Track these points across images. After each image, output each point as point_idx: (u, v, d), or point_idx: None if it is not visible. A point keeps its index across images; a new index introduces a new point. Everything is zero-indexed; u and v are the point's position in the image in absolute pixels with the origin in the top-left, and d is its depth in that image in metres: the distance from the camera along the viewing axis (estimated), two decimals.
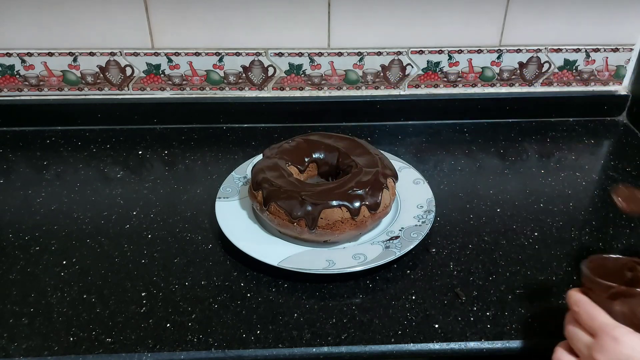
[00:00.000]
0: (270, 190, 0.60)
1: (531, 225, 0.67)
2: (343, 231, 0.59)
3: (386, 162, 0.66)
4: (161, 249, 0.63)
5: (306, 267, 0.57)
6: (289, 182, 0.62)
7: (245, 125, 0.89)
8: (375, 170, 0.63)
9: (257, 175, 0.63)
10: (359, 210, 0.59)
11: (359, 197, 0.59)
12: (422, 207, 0.66)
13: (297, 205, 0.58)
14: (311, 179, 0.69)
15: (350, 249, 0.60)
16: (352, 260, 0.58)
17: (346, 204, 0.59)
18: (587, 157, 0.83)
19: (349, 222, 0.59)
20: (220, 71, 0.87)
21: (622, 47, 0.88)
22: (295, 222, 0.59)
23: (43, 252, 0.62)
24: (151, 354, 0.51)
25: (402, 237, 0.61)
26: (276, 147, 0.69)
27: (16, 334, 0.52)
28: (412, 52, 0.86)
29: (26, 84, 0.87)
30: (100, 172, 0.77)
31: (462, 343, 0.52)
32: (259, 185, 0.62)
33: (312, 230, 0.58)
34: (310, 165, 0.69)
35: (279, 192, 0.60)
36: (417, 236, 0.61)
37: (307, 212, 0.58)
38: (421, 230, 0.62)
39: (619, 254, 0.49)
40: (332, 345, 0.52)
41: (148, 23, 0.82)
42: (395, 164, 0.72)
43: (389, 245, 0.60)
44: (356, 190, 0.60)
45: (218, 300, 0.56)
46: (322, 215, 0.58)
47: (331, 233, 0.59)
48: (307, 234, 0.59)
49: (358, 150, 0.67)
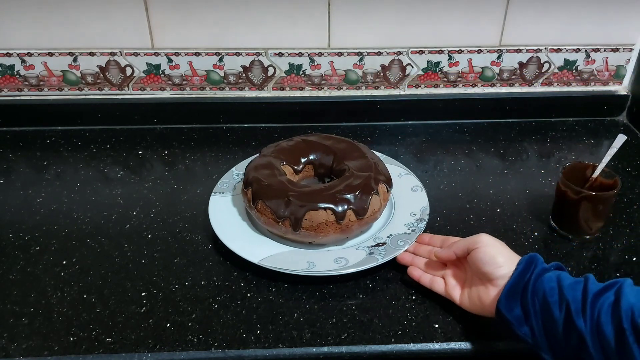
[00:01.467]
0: (258, 189, 0.61)
1: (531, 225, 0.67)
2: (327, 234, 0.59)
3: (381, 167, 0.65)
4: (161, 249, 0.63)
5: (286, 267, 0.57)
6: (279, 181, 0.62)
7: (245, 125, 0.89)
8: (368, 174, 0.62)
9: (249, 173, 0.64)
10: (344, 214, 0.59)
11: (345, 201, 0.59)
12: (415, 215, 0.65)
13: (283, 205, 0.59)
14: (307, 179, 0.70)
15: (333, 252, 0.60)
16: (333, 264, 0.58)
17: (332, 207, 0.58)
18: (587, 157, 0.83)
19: (333, 225, 0.59)
20: (220, 71, 0.87)
21: (622, 47, 0.88)
22: (280, 221, 0.59)
23: (43, 252, 0.62)
24: (151, 354, 0.51)
25: (389, 244, 0.61)
26: (273, 146, 0.69)
27: (16, 334, 0.52)
28: (412, 52, 0.86)
29: (26, 84, 0.87)
30: (100, 172, 0.77)
31: (462, 343, 0.52)
32: (249, 182, 0.62)
33: (295, 231, 0.58)
34: (306, 166, 0.69)
35: (267, 190, 0.60)
36: (403, 244, 0.60)
37: (292, 213, 0.58)
38: (409, 239, 0.61)
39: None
40: (332, 345, 0.52)
41: (148, 23, 0.82)
42: (395, 169, 0.72)
43: (373, 251, 0.60)
44: (344, 194, 0.59)
45: (218, 300, 0.56)
46: (307, 217, 0.58)
47: (315, 235, 0.59)
48: (291, 234, 0.60)
49: (355, 154, 0.67)
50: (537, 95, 0.91)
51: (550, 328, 0.46)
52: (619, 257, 0.63)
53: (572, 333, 0.45)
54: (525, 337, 0.48)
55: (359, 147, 0.68)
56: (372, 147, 0.81)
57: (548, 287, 0.47)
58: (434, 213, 0.69)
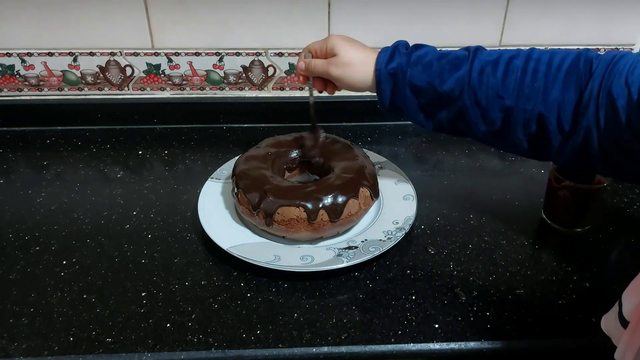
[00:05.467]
0: (241, 179, 0.63)
1: (531, 225, 0.67)
2: (298, 230, 0.59)
3: (369, 171, 0.65)
4: (161, 249, 0.63)
5: (252, 257, 0.58)
6: (261, 174, 0.63)
7: (245, 125, 0.89)
8: (350, 177, 0.62)
9: (239, 163, 0.66)
10: (316, 214, 0.59)
11: (319, 201, 0.59)
12: (397, 224, 0.64)
13: (258, 197, 0.60)
14: (302, 176, 0.71)
15: (303, 249, 0.60)
16: (298, 260, 0.58)
17: (304, 205, 0.59)
18: None
19: (304, 222, 0.59)
20: (220, 71, 0.87)
21: (622, 47, 0.88)
22: (255, 213, 0.60)
23: (43, 252, 0.62)
24: (151, 354, 0.51)
25: (360, 249, 0.60)
26: (272, 139, 0.71)
27: (16, 334, 0.52)
28: None
29: (26, 84, 0.87)
30: (100, 172, 0.77)
31: (462, 343, 0.52)
32: (235, 172, 0.65)
33: (268, 225, 0.60)
34: (300, 162, 0.70)
35: (247, 181, 0.62)
36: (374, 251, 0.59)
37: (266, 206, 0.59)
38: (382, 246, 0.60)
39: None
40: (332, 345, 0.52)
41: (148, 23, 0.82)
42: (394, 175, 0.72)
43: (342, 253, 0.59)
44: (319, 194, 0.60)
45: (218, 300, 0.56)
46: (280, 211, 0.59)
47: (286, 230, 0.60)
48: (265, 227, 0.61)
49: (346, 155, 0.67)
50: None
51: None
52: (619, 257, 0.63)
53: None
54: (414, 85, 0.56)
55: (353, 149, 0.68)
56: (372, 147, 0.82)
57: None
58: (434, 213, 0.69)
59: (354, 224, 0.64)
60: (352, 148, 0.68)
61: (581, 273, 0.60)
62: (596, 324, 0.54)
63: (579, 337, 0.53)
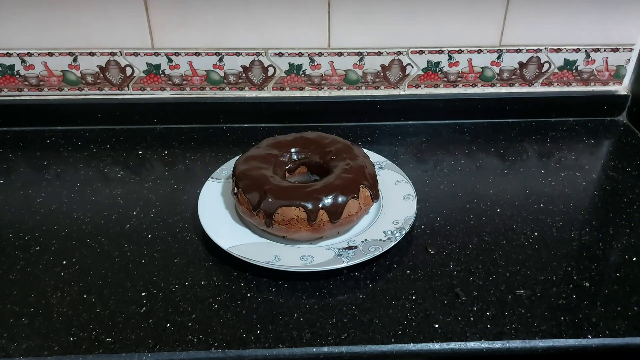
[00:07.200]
0: (241, 179, 0.63)
1: (531, 225, 0.67)
2: (298, 230, 0.59)
3: (369, 172, 0.65)
4: (161, 249, 0.63)
5: (252, 257, 0.58)
6: (261, 174, 0.63)
7: (245, 125, 0.89)
8: (351, 177, 0.62)
9: (238, 163, 0.66)
10: (316, 214, 0.59)
11: (319, 201, 0.59)
12: (397, 224, 0.64)
13: (258, 197, 0.60)
14: (302, 176, 0.70)
15: (303, 249, 0.60)
16: (298, 260, 0.58)
17: (304, 205, 0.59)
18: (587, 157, 0.83)
19: (304, 222, 0.59)
20: (220, 71, 0.87)
21: (622, 47, 0.88)
22: (255, 213, 0.60)
23: (43, 252, 0.62)
24: (151, 354, 0.51)
25: (360, 249, 0.60)
26: (272, 139, 0.70)
27: (16, 334, 0.52)
28: (412, 52, 0.86)
29: (26, 84, 0.87)
30: (100, 172, 0.77)
31: (462, 343, 0.52)
32: (235, 172, 0.64)
33: (268, 225, 0.60)
34: (301, 162, 0.69)
35: (247, 181, 0.62)
36: (374, 251, 0.59)
37: (266, 206, 0.59)
38: (382, 246, 0.60)
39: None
40: (332, 345, 0.52)
41: (148, 23, 0.82)
42: (393, 175, 0.72)
43: (342, 253, 0.59)
44: (319, 194, 0.59)
45: (218, 300, 0.56)
46: (279, 212, 0.59)
47: (286, 230, 0.60)
48: (265, 227, 0.61)
49: (347, 155, 0.66)
50: (537, 95, 0.91)
51: None
52: (619, 257, 0.63)
53: None
54: None
55: (353, 149, 0.68)
56: (372, 147, 0.82)
57: None
58: (434, 213, 0.69)
59: (354, 224, 0.64)
60: (352, 148, 0.68)
61: (581, 273, 0.60)
62: (596, 323, 0.54)
63: (579, 337, 0.53)
